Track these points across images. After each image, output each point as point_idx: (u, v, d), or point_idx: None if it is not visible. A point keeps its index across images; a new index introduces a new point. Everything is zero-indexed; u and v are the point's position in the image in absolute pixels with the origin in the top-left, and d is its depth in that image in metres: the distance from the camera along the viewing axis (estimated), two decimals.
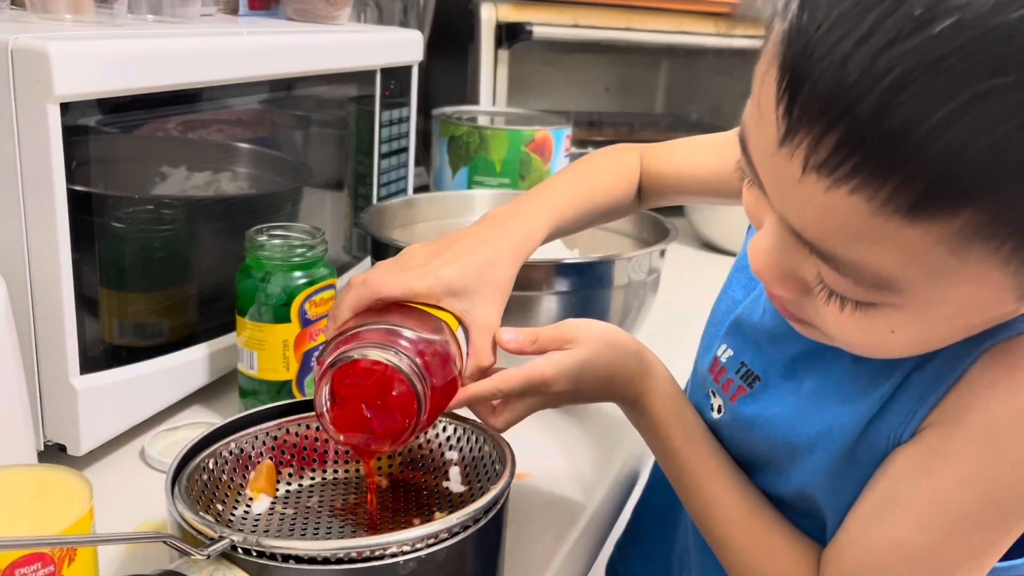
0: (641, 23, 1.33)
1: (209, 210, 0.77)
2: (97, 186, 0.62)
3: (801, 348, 0.52)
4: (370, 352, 0.49)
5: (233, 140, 0.80)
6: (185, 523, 0.45)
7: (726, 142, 0.71)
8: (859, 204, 0.35)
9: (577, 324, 0.57)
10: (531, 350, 0.57)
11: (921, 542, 0.45)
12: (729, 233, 1.30)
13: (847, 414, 0.48)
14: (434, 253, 0.56)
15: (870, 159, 0.34)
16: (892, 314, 0.39)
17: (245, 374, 0.71)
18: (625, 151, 0.72)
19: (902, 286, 0.37)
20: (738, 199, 0.73)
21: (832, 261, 0.38)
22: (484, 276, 0.56)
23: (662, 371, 0.58)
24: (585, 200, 0.66)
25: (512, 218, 0.61)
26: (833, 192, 0.35)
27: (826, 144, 0.34)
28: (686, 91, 1.61)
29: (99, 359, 0.64)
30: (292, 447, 0.58)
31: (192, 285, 0.74)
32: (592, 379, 0.56)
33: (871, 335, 0.41)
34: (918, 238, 0.35)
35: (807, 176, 0.36)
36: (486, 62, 1.25)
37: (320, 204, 0.92)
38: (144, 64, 0.62)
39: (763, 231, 0.42)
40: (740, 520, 0.53)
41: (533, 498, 0.66)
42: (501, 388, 0.54)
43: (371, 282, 0.54)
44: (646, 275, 0.81)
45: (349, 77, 0.90)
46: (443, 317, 0.54)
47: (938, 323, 0.40)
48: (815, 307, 0.42)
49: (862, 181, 0.34)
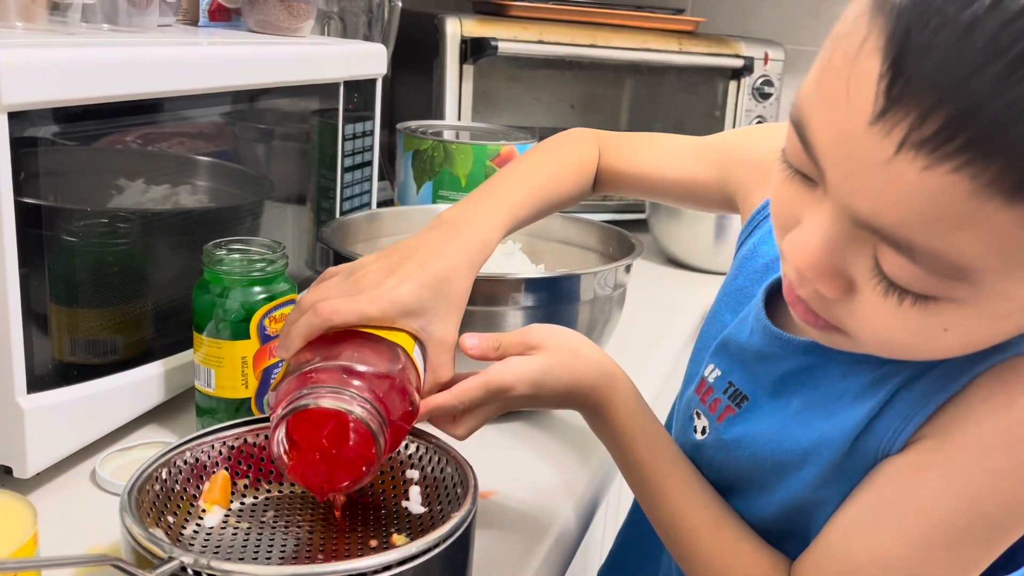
0: (605, 40, 1.34)
1: (166, 224, 0.75)
2: (48, 198, 0.60)
3: (789, 367, 0.52)
4: (323, 401, 0.47)
5: (193, 153, 0.78)
6: (135, 542, 0.43)
7: (699, 149, 0.71)
8: (958, 184, 0.34)
9: (542, 330, 0.56)
10: (494, 356, 0.56)
11: (902, 553, 0.44)
12: (693, 249, 1.30)
13: (834, 429, 0.47)
14: (387, 271, 0.54)
15: (981, 136, 0.33)
16: (951, 310, 0.38)
17: (202, 392, 0.69)
18: (583, 140, 0.71)
19: (976, 276, 0.36)
20: (707, 207, 0.73)
21: (908, 249, 0.36)
22: (440, 292, 0.54)
23: (625, 382, 0.57)
24: (541, 195, 0.65)
25: (466, 224, 0.59)
26: (930, 172, 0.34)
27: (934, 119, 0.33)
28: (650, 108, 1.62)
29: (48, 377, 0.61)
30: (249, 458, 0.57)
31: (147, 301, 0.72)
32: (552, 387, 0.55)
33: (920, 334, 0.39)
34: (1012, 222, 0.34)
35: (902, 155, 0.34)
36: (451, 77, 1.25)
37: (282, 218, 0.91)
38: (97, 73, 0.60)
39: (807, 226, 0.40)
40: (706, 530, 0.52)
41: (499, 517, 0.64)
42: (463, 400, 0.53)
43: (322, 310, 0.51)
44: (612, 290, 0.80)
45: (312, 90, 0.89)
46: (399, 340, 0.53)
47: (994, 321, 0.39)
48: (851, 308, 0.41)
49: (968, 159, 0.33)
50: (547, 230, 0.97)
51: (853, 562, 0.45)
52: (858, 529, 0.46)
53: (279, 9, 0.89)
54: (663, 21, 1.43)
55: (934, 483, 0.44)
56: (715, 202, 0.70)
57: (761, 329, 0.54)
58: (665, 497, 0.54)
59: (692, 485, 0.54)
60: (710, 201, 0.70)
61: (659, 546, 0.63)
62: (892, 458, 0.45)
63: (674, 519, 0.53)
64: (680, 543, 0.53)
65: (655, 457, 0.55)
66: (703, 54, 1.41)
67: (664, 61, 1.39)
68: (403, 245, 0.57)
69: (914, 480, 0.44)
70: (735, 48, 1.44)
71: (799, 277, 0.42)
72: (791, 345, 0.52)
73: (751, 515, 0.53)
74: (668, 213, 1.31)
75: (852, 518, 0.46)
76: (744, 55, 1.44)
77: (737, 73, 1.46)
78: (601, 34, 1.34)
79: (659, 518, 0.54)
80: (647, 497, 0.55)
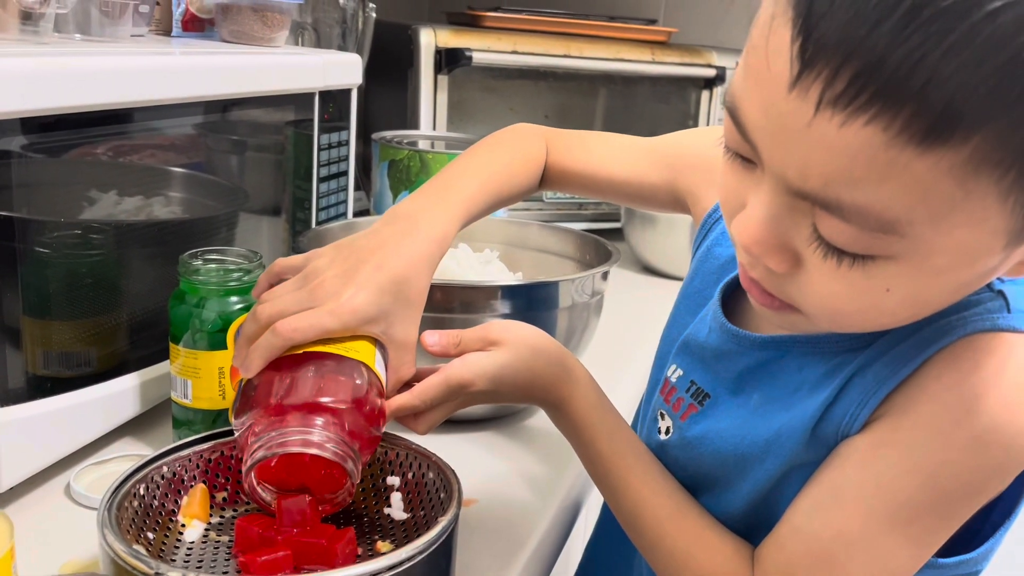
0: (579, 50, 1.35)
1: (140, 235, 0.74)
2: (20, 210, 0.59)
3: (747, 364, 0.53)
4: (291, 447, 0.48)
5: (166, 164, 0.77)
6: (119, 559, 0.43)
7: (649, 150, 0.71)
8: (873, 136, 0.35)
9: (502, 326, 0.57)
10: (455, 352, 0.56)
11: (864, 529, 0.45)
12: (669, 257, 1.31)
13: (793, 419, 0.49)
14: (343, 278, 0.53)
15: (887, 86, 0.34)
16: (890, 268, 0.39)
17: (179, 403, 0.68)
18: (530, 136, 0.71)
19: (906, 229, 0.37)
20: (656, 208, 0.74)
21: (837, 209, 0.38)
22: (399, 295, 0.54)
23: (584, 377, 0.57)
24: (493, 190, 0.64)
25: (423, 219, 0.58)
26: (847, 127, 0.36)
27: (843, 75, 0.35)
28: (624, 118, 1.63)
29: (20, 391, 0.60)
30: (227, 471, 0.56)
31: (122, 312, 0.71)
32: (511, 382, 0.55)
33: (864, 297, 0.41)
34: (928, 170, 0.35)
35: (820, 115, 0.36)
36: (426, 88, 1.25)
37: (257, 229, 0.90)
38: (69, 83, 0.60)
39: (751, 207, 0.42)
40: (669, 519, 0.53)
41: (480, 524, 0.64)
42: (424, 399, 0.54)
43: (282, 330, 0.51)
44: (590, 297, 0.81)
45: (286, 100, 0.88)
46: (360, 353, 0.53)
47: (932, 277, 0.40)
48: (799, 283, 0.42)
49: (879, 110, 0.35)
50: (525, 238, 0.97)
51: (816, 540, 0.46)
52: (820, 508, 0.47)
53: (253, 19, 0.89)
54: (636, 32, 1.44)
55: (891, 459, 0.45)
56: (664, 203, 0.71)
57: (719, 327, 0.55)
58: (628, 489, 0.54)
59: (654, 476, 0.54)
60: (658, 202, 0.71)
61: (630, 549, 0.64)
62: (850, 439, 0.46)
63: (637, 510, 0.54)
64: (645, 534, 0.53)
65: (616, 450, 0.55)
66: (676, 64, 1.43)
67: (637, 71, 1.41)
68: (358, 245, 0.56)
69: (872, 458, 0.45)
70: (707, 58, 1.46)
71: (749, 257, 0.44)
72: (748, 341, 0.53)
73: (718, 511, 0.54)
74: (643, 221, 1.32)
75: (814, 498, 0.47)
76: (716, 64, 1.45)
77: (709, 83, 1.47)
78: (575, 44, 1.35)
79: (623, 510, 0.55)
80: (610, 490, 0.55)
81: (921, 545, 0.46)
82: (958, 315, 0.45)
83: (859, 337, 0.47)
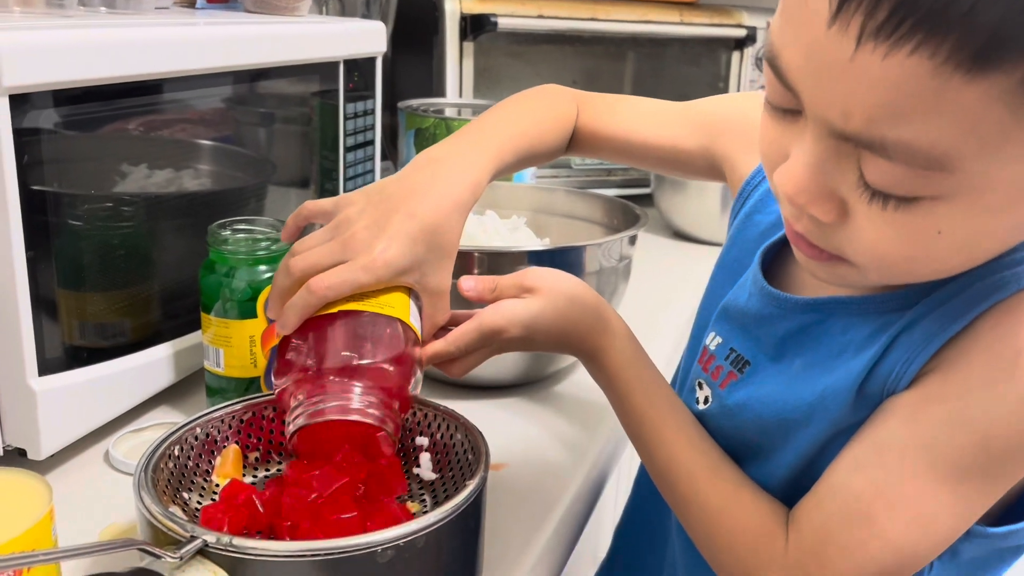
0: (606, 13, 1.33)
1: (170, 207, 0.75)
2: (53, 184, 0.60)
3: (788, 328, 0.52)
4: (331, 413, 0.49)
5: (195, 138, 0.78)
6: (156, 522, 0.44)
7: (683, 114, 0.69)
8: (919, 65, 0.34)
9: (538, 273, 0.56)
10: (490, 298, 0.56)
11: (906, 488, 0.43)
12: (700, 222, 1.30)
13: (838, 381, 0.47)
14: (375, 229, 0.52)
15: (931, 13, 0.33)
16: (939, 209, 0.38)
17: (212, 372, 0.69)
18: (561, 96, 0.69)
19: (955, 164, 0.36)
20: (689, 175, 0.72)
21: (881, 149, 0.37)
22: (432, 243, 0.53)
23: (622, 328, 0.57)
24: (524, 145, 0.62)
25: (455, 163, 0.57)
26: (891, 58, 0.35)
27: (884, 5, 0.34)
28: (653, 82, 1.61)
29: (58, 360, 0.62)
30: (259, 431, 0.57)
31: (154, 283, 0.72)
32: (546, 330, 0.55)
33: (915, 242, 0.40)
34: (978, 98, 0.34)
35: (862, 48, 0.35)
36: (451, 55, 1.24)
37: (285, 200, 0.91)
38: (96, 54, 0.60)
39: (793, 156, 0.41)
40: (703, 475, 0.52)
41: (510, 488, 0.65)
42: (459, 345, 0.54)
43: (316, 288, 0.51)
44: (618, 262, 0.80)
45: (312, 70, 0.88)
46: (395, 309, 0.53)
47: (985, 217, 0.39)
48: (847, 231, 0.41)
49: (923, 38, 0.34)
50: (552, 204, 0.97)
51: (856, 499, 0.44)
52: (861, 466, 0.45)
53: None
54: None
55: (939, 415, 0.43)
56: (699, 169, 0.69)
57: (759, 291, 0.54)
58: (662, 443, 0.53)
59: (689, 431, 0.53)
60: (694, 168, 0.69)
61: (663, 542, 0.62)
62: (897, 395, 0.45)
63: (671, 464, 0.53)
64: (677, 488, 0.52)
65: (652, 403, 0.54)
66: (705, 25, 1.40)
67: (665, 33, 1.38)
68: (389, 191, 0.55)
69: (919, 413, 0.44)
70: (737, 18, 1.43)
71: (793, 209, 0.43)
72: (789, 304, 0.52)
73: (760, 480, 0.52)
74: (673, 186, 1.30)
75: (855, 456, 0.46)
76: (746, 24, 1.43)
77: (740, 43, 1.45)
78: (601, 7, 1.33)
79: (656, 464, 0.54)
80: (644, 443, 0.54)
81: (967, 505, 0.43)
82: (1012, 271, 0.43)
83: (905, 296, 0.46)
